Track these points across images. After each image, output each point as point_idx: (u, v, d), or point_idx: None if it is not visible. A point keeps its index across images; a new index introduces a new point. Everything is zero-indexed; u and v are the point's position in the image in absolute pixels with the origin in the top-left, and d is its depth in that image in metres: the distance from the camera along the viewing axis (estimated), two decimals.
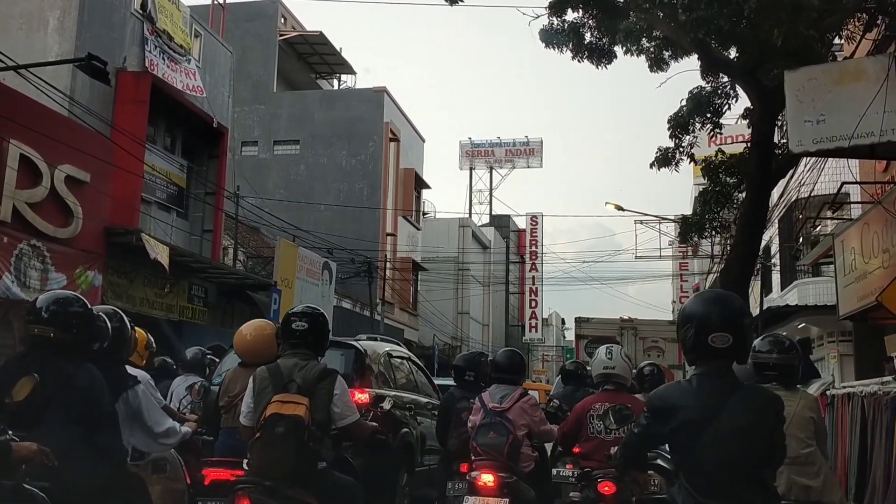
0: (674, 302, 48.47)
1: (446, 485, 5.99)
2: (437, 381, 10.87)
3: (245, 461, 4.10)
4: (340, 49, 33.59)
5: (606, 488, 4.94)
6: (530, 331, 48.55)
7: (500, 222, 49.11)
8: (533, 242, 47.89)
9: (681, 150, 11.78)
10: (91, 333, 3.82)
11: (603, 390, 5.51)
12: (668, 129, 11.59)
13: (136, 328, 5.62)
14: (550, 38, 10.85)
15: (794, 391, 4.27)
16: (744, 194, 12.02)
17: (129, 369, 5.09)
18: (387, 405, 5.33)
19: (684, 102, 11.64)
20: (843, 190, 12.17)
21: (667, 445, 3.10)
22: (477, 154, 52.20)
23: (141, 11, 14.71)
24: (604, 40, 10.69)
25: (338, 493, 4.12)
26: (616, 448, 3.86)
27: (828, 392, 7.24)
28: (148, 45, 14.66)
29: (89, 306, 3.84)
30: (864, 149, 8.23)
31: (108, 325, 4.08)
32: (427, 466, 8.44)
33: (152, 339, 6.22)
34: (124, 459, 3.94)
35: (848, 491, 6.03)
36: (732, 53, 10.65)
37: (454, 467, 6.05)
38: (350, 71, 35.30)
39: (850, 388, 6.48)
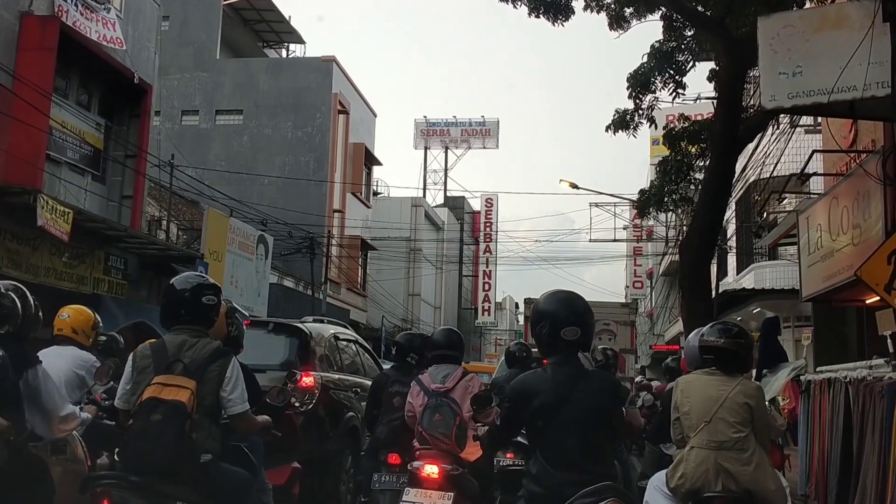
0: (627, 287, 48.04)
1: (371, 477, 5.51)
2: (385, 365, 10.65)
3: (115, 452, 3.71)
4: (289, 17, 32.11)
5: None
6: (483, 314, 47.80)
7: (455, 203, 48.14)
8: (488, 224, 47.05)
9: (640, 112, 10.85)
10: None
11: None
12: (628, 87, 10.64)
13: (84, 308, 5.54)
14: None
15: (732, 377, 4.08)
16: (707, 165, 11.22)
17: (76, 350, 5.14)
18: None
19: (645, 59, 10.69)
20: (810, 163, 11.38)
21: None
22: (432, 133, 50.99)
23: None
24: None
25: (225, 487, 3.68)
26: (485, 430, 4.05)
27: (801, 377, 6.36)
28: None
29: None
30: (843, 106, 7.31)
31: (18, 303, 3.85)
32: None
33: (99, 319, 5.72)
34: (25, 440, 3.78)
35: (828, 493, 5.13)
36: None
37: (381, 457, 5.55)
38: (299, 40, 33.80)
39: (830, 374, 5.55)
